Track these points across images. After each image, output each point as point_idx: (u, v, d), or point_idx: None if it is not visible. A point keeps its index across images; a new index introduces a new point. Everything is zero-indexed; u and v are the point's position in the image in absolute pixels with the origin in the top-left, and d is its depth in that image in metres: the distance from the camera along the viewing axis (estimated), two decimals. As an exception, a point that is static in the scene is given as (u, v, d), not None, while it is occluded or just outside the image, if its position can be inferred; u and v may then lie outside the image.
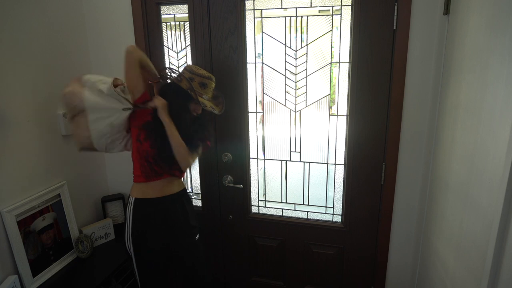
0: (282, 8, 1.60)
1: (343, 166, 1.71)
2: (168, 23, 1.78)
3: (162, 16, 1.77)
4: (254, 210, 1.92)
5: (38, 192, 1.58)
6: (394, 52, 1.48)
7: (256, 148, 1.82)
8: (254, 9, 1.64)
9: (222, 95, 1.56)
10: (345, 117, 1.65)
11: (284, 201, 1.87)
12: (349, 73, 1.59)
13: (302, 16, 1.58)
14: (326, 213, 1.81)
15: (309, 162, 1.76)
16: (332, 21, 1.55)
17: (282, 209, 1.87)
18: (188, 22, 1.72)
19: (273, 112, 1.74)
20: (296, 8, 1.58)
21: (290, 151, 1.77)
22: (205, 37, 1.70)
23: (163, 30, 1.79)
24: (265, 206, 1.90)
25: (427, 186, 1.52)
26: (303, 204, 1.84)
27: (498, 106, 0.88)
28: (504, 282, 0.84)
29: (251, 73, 1.72)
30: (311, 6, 1.56)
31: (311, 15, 1.57)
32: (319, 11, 1.57)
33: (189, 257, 1.53)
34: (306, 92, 1.66)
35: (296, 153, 1.77)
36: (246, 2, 1.63)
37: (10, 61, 1.44)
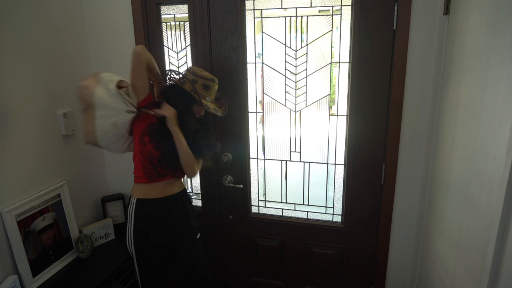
0: (282, 8, 1.60)
1: (343, 166, 1.71)
2: (168, 23, 1.78)
3: (162, 16, 1.77)
4: (254, 210, 1.92)
5: (38, 192, 1.58)
6: (394, 52, 1.48)
7: (256, 148, 1.82)
8: (254, 9, 1.64)
9: (225, 97, 1.56)
10: (345, 117, 1.65)
11: (284, 201, 1.87)
12: (349, 73, 1.59)
13: (302, 16, 1.58)
14: (326, 213, 1.81)
15: (309, 162, 1.76)
16: (332, 21, 1.55)
17: (282, 209, 1.87)
18: (188, 22, 1.72)
19: (273, 112, 1.74)
20: (296, 8, 1.58)
21: (290, 151, 1.77)
22: (205, 37, 1.70)
23: (163, 30, 1.79)
24: (265, 206, 1.90)
25: (427, 186, 1.52)
26: (303, 204, 1.84)
27: (498, 106, 0.88)
28: (504, 282, 0.84)
29: (251, 73, 1.72)
30: (311, 6, 1.56)
31: (311, 15, 1.57)
32: (319, 11, 1.57)
33: (190, 257, 1.53)
34: (306, 92, 1.66)
35: (296, 153, 1.77)
36: (246, 2, 1.63)
37: (10, 61, 1.45)
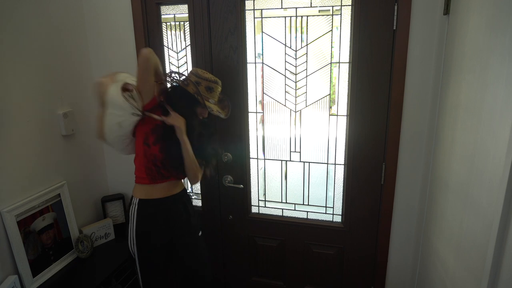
0: (282, 8, 1.60)
1: (343, 166, 1.71)
2: (168, 23, 1.78)
3: (162, 16, 1.77)
4: (254, 210, 1.92)
5: (38, 192, 1.58)
6: (394, 52, 1.48)
7: (256, 148, 1.82)
8: (254, 9, 1.64)
9: (228, 98, 1.55)
10: (345, 117, 1.64)
11: (284, 201, 1.87)
12: (349, 73, 1.59)
13: (302, 16, 1.58)
14: (326, 213, 1.81)
15: (309, 162, 1.76)
16: (332, 21, 1.55)
17: (282, 209, 1.87)
18: (188, 22, 1.72)
19: (273, 112, 1.74)
20: (296, 8, 1.58)
21: (290, 151, 1.77)
22: (205, 37, 1.70)
23: (163, 30, 1.79)
24: (265, 206, 1.90)
25: (427, 186, 1.52)
26: (303, 204, 1.84)
27: (498, 106, 0.87)
28: (504, 282, 0.84)
29: (251, 73, 1.72)
30: (311, 6, 1.56)
31: (311, 15, 1.57)
32: (319, 11, 1.57)
33: (190, 257, 1.53)
34: (306, 92, 1.66)
35: (296, 153, 1.77)
36: (246, 2, 1.63)
37: (10, 61, 1.45)
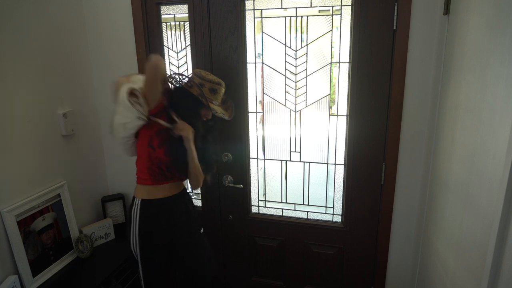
0: (282, 8, 1.60)
1: (343, 166, 1.71)
2: (168, 23, 1.78)
3: (162, 16, 1.77)
4: (254, 210, 1.92)
5: (38, 192, 1.58)
6: (394, 52, 1.48)
7: (256, 148, 1.82)
8: (254, 9, 1.64)
9: (231, 99, 1.54)
10: (345, 117, 1.64)
11: (284, 201, 1.87)
12: (349, 73, 1.59)
13: (302, 16, 1.58)
14: (326, 213, 1.81)
15: (309, 162, 1.76)
16: (332, 21, 1.55)
17: (282, 209, 1.87)
18: (188, 22, 1.72)
19: (273, 112, 1.74)
20: (296, 8, 1.58)
21: (290, 151, 1.77)
22: (205, 37, 1.70)
23: (163, 30, 1.79)
24: (265, 206, 1.90)
25: (427, 186, 1.52)
26: (303, 204, 1.84)
27: (498, 106, 0.87)
28: (504, 282, 0.84)
29: (251, 73, 1.72)
30: (311, 6, 1.56)
31: (311, 15, 1.57)
32: (319, 11, 1.57)
33: (191, 256, 1.53)
34: (306, 92, 1.66)
35: (296, 153, 1.77)
36: (246, 2, 1.63)
37: (10, 61, 1.44)
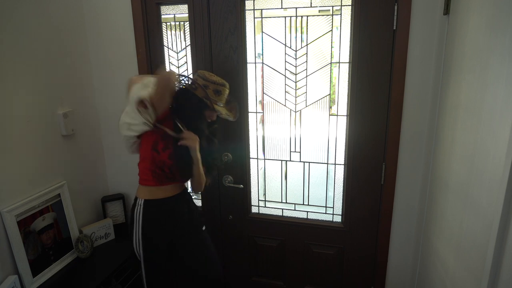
0: (282, 8, 1.60)
1: (343, 166, 1.71)
2: (168, 23, 1.78)
3: (162, 16, 1.77)
4: (254, 210, 1.92)
5: (38, 192, 1.58)
6: (394, 52, 1.48)
7: (256, 148, 1.82)
8: (254, 9, 1.64)
9: (235, 100, 1.53)
10: (345, 117, 1.64)
11: (284, 201, 1.87)
12: (349, 73, 1.59)
13: (302, 16, 1.58)
14: (326, 213, 1.81)
15: (309, 162, 1.76)
16: (332, 21, 1.55)
17: (282, 209, 1.87)
18: (188, 22, 1.72)
19: (273, 112, 1.74)
20: (296, 8, 1.58)
21: (290, 151, 1.77)
22: (205, 37, 1.70)
23: (163, 30, 1.79)
24: (265, 206, 1.90)
25: (427, 186, 1.52)
26: (303, 204, 1.84)
27: (498, 106, 0.87)
28: (504, 282, 0.84)
29: (251, 73, 1.72)
30: (311, 6, 1.56)
31: (311, 15, 1.57)
32: (319, 11, 1.57)
33: (191, 257, 1.53)
34: (306, 92, 1.66)
35: (296, 153, 1.77)
36: (246, 2, 1.63)
37: (10, 61, 1.44)
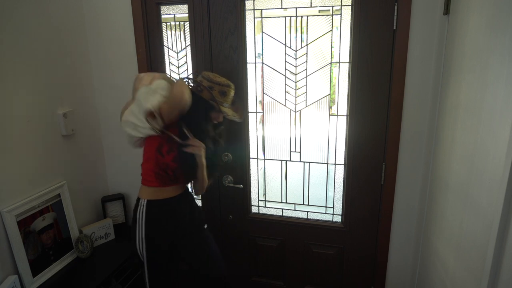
0: (282, 8, 1.60)
1: (343, 166, 1.71)
2: (168, 23, 1.78)
3: (162, 16, 1.77)
4: (254, 210, 1.92)
5: (38, 192, 1.58)
6: (394, 52, 1.48)
7: (256, 148, 1.82)
8: (254, 9, 1.64)
9: (240, 100, 1.52)
10: (345, 117, 1.64)
11: (284, 201, 1.87)
12: (349, 73, 1.59)
13: (302, 16, 1.58)
14: (326, 213, 1.81)
15: (309, 162, 1.76)
16: (332, 21, 1.55)
17: (282, 209, 1.87)
18: (188, 22, 1.72)
19: (273, 112, 1.74)
20: (296, 8, 1.58)
21: (290, 151, 1.77)
22: (205, 37, 1.70)
23: (163, 30, 1.79)
24: (265, 206, 1.90)
25: (427, 186, 1.52)
26: (303, 204, 1.84)
27: (498, 106, 0.87)
28: (504, 282, 0.84)
29: (251, 73, 1.72)
30: (311, 6, 1.56)
31: (311, 15, 1.57)
32: (319, 11, 1.57)
33: (199, 254, 1.53)
34: (306, 92, 1.66)
35: (296, 153, 1.77)
36: (246, 2, 1.63)
37: (10, 61, 1.44)
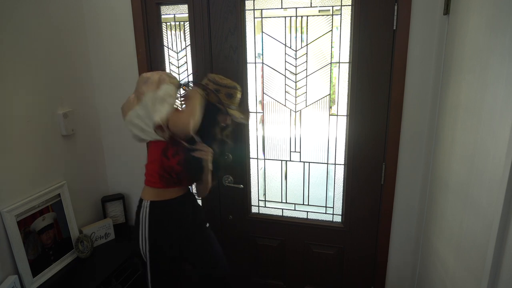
0: (282, 8, 1.60)
1: (343, 166, 1.71)
2: (168, 23, 1.78)
3: (162, 16, 1.77)
4: (254, 210, 1.92)
5: (38, 192, 1.58)
6: (394, 52, 1.48)
7: (256, 148, 1.82)
8: (254, 9, 1.64)
9: (246, 101, 1.52)
10: (345, 117, 1.64)
11: (284, 201, 1.87)
12: (349, 73, 1.59)
13: (302, 16, 1.58)
14: (326, 213, 1.81)
15: (309, 162, 1.76)
16: (332, 21, 1.55)
17: (282, 209, 1.87)
18: (188, 22, 1.72)
19: (273, 112, 1.74)
20: (296, 8, 1.58)
21: (290, 151, 1.77)
22: (205, 37, 1.70)
23: (163, 30, 1.79)
24: (265, 206, 1.90)
25: (427, 186, 1.52)
26: (303, 204, 1.84)
27: (498, 106, 0.88)
28: (504, 282, 0.84)
29: (251, 73, 1.72)
30: (311, 6, 1.56)
31: (311, 15, 1.57)
32: (319, 11, 1.57)
33: (200, 254, 1.53)
34: (306, 92, 1.66)
35: (296, 153, 1.77)
36: (246, 2, 1.63)
37: (10, 61, 1.44)
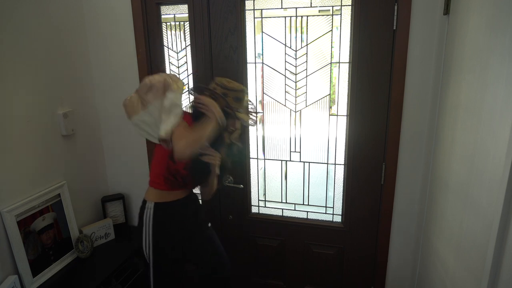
0: (282, 8, 1.60)
1: (343, 166, 1.71)
2: (168, 23, 1.78)
3: (162, 16, 1.77)
4: (254, 210, 1.92)
5: (38, 192, 1.58)
6: (394, 52, 1.48)
7: (256, 148, 1.82)
8: (254, 9, 1.64)
9: (251, 101, 1.50)
10: (345, 117, 1.65)
11: (284, 201, 1.87)
12: (349, 73, 1.59)
13: (302, 16, 1.58)
14: (326, 213, 1.81)
15: (309, 162, 1.76)
16: (332, 21, 1.55)
17: (282, 209, 1.87)
18: (188, 22, 1.72)
19: (273, 112, 1.74)
20: (296, 8, 1.58)
21: (290, 151, 1.77)
22: (205, 37, 1.70)
23: (163, 30, 1.79)
24: (265, 206, 1.90)
25: (427, 186, 1.52)
26: (303, 204, 1.84)
27: (498, 106, 0.87)
28: (504, 282, 0.84)
29: (251, 73, 1.72)
30: (311, 6, 1.56)
31: (311, 15, 1.57)
32: (319, 11, 1.57)
33: (202, 254, 1.53)
34: (306, 92, 1.66)
35: (296, 153, 1.77)
36: (246, 2, 1.63)
37: (10, 61, 1.44)
